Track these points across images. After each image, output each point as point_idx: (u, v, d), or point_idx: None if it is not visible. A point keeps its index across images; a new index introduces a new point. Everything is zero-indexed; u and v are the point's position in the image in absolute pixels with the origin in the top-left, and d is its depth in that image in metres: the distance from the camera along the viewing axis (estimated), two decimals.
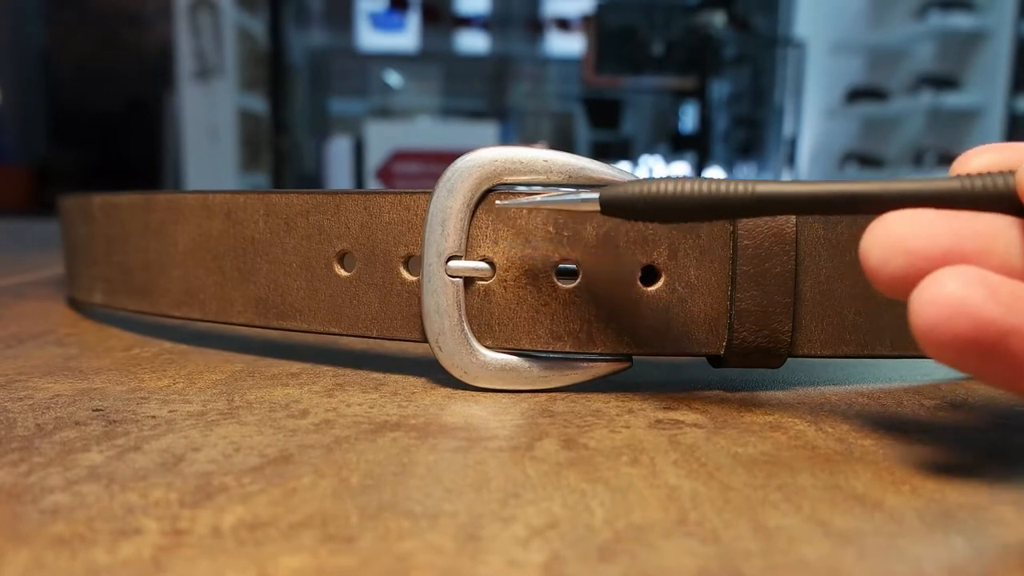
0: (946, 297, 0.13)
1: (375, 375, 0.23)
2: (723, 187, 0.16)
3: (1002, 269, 0.14)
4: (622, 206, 0.17)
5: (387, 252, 0.21)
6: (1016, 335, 0.13)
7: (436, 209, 0.20)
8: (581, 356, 0.21)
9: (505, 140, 3.06)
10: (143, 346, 0.27)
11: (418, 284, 0.21)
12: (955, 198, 0.14)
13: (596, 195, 0.18)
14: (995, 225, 0.14)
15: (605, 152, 3.72)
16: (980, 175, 0.14)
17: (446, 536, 0.12)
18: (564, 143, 3.60)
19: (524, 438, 0.17)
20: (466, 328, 0.20)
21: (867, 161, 3.13)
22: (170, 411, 0.19)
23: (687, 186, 0.16)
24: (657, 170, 3.70)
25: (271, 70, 2.77)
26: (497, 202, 0.20)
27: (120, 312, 0.28)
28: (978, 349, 0.13)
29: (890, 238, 0.14)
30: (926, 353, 0.13)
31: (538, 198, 0.19)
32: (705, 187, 0.16)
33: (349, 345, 0.27)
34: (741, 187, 0.16)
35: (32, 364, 0.24)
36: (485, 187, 0.20)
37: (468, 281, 0.21)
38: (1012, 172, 0.14)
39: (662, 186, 0.17)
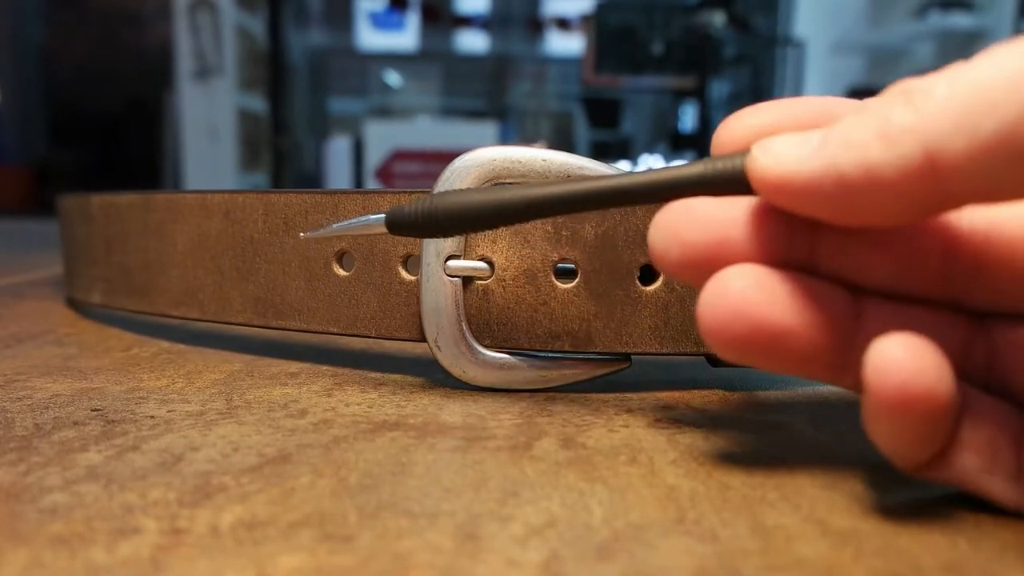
0: (728, 300, 0.13)
1: (374, 375, 0.23)
2: (498, 195, 0.16)
3: (773, 253, 0.14)
4: (405, 224, 0.18)
5: (386, 252, 0.21)
6: (790, 335, 0.13)
7: None
8: (580, 355, 0.21)
9: (505, 140, 3.06)
10: (142, 346, 0.27)
11: (417, 284, 0.21)
12: (701, 183, 0.14)
13: (382, 217, 0.18)
14: (763, 208, 0.14)
15: (605, 152, 3.72)
16: (722, 157, 0.14)
17: (445, 535, 0.12)
18: (564, 143, 3.60)
19: (523, 437, 0.17)
20: (465, 327, 0.21)
21: None
22: (169, 411, 0.19)
23: (464, 197, 0.17)
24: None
25: (270, 70, 2.77)
26: (301, 234, 0.21)
27: (119, 312, 0.28)
28: (758, 349, 0.13)
29: (668, 229, 0.14)
30: (714, 350, 0.14)
31: (334, 226, 0.20)
32: (481, 197, 0.17)
33: (348, 345, 0.27)
34: (511, 194, 0.16)
35: (31, 364, 0.24)
36: (484, 187, 0.20)
37: (467, 280, 0.21)
38: (744, 153, 0.14)
39: (440, 200, 0.17)
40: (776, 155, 0.13)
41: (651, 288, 0.20)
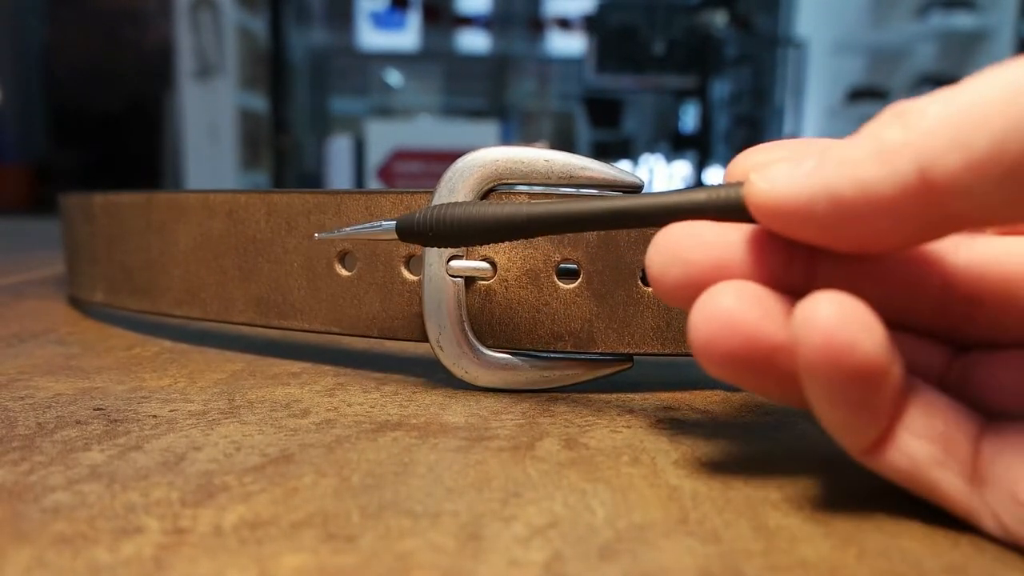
0: (721, 313, 0.13)
1: (376, 375, 0.23)
2: (502, 210, 0.17)
3: (771, 278, 0.14)
4: (414, 232, 0.18)
5: (388, 252, 0.21)
6: (782, 351, 0.13)
7: None
8: (582, 356, 0.21)
9: (506, 139, 3.06)
10: (144, 345, 0.27)
11: (419, 284, 0.21)
12: (703, 210, 0.15)
13: (393, 224, 0.19)
14: (763, 234, 0.14)
15: (606, 152, 3.72)
16: (724, 185, 0.15)
17: (447, 535, 0.12)
18: (565, 143, 3.60)
19: (525, 438, 0.17)
20: (467, 328, 0.21)
21: None
22: (171, 410, 0.19)
23: (472, 210, 0.17)
24: (658, 170, 3.70)
25: (271, 69, 2.77)
26: (316, 235, 0.21)
27: (121, 311, 0.28)
28: (749, 364, 0.13)
29: (669, 249, 0.14)
30: (703, 368, 0.13)
31: (347, 229, 0.20)
32: (487, 211, 0.17)
33: (350, 345, 0.27)
34: (515, 209, 0.17)
35: (33, 363, 0.24)
36: (486, 187, 0.20)
37: (469, 281, 0.21)
38: (741, 184, 0.14)
39: (449, 211, 0.18)
40: (771, 179, 0.13)
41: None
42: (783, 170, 0.13)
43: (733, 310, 0.13)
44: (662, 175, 3.70)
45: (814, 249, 0.14)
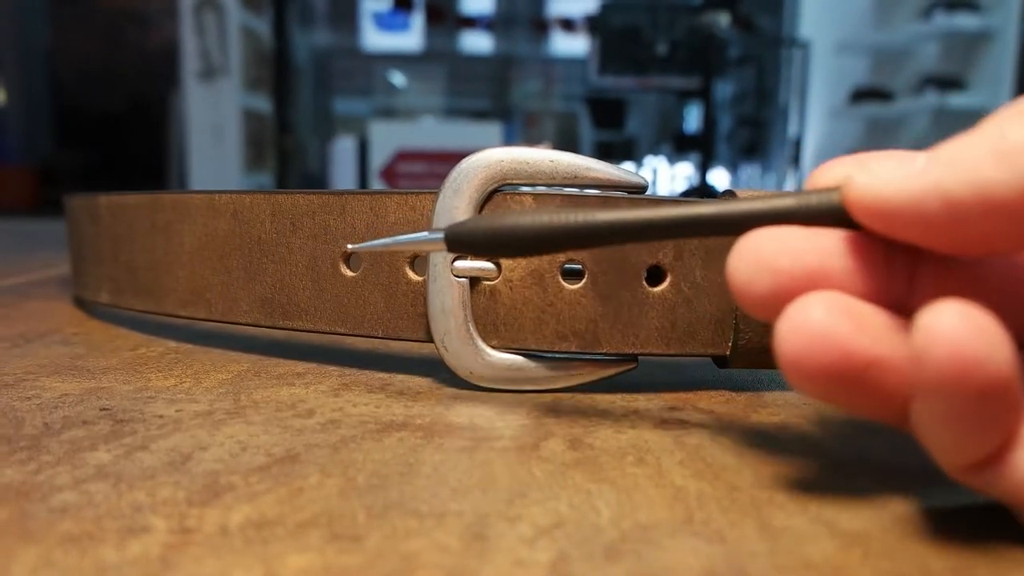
0: (812, 326, 0.12)
1: (381, 375, 0.23)
2: (563, 218, 0.16)
3: (868, 287, 0.13)
4: (466, 243, 0.17)
5: (392, 252, 0.21)
6: (877, 366, 0.12)
7: (442, 209, 0.20)
8: (587, 356, 0.21)
9: (509, 140, 3.06)
10: (149, 345, 0.27)
11: (424, 284, 0.21)
12: (792, 215, 0.14)
13: (441, 235, 0.18)
14: (859, 240, 0.13)
15: (609, 152, 3.72)
16: (815, 191, 0.14)
17: (452, 535, 0.12)
18: (568, 143, 3.60)
19: (530, 438, 0.17)
20: (472, 328, 0.21)
21: None
22: (177, 410, 0.19)
23: (527, 219, 0.16)
24: (661, 170, 3.70)
25: (275, 70, 2.77)
26: (348, 246, 0.21)
27: (126, 311, 0.28)
28: (842, 380, 0.12)
29: (756, 257, 0.13)
30: (791, 384, 0.13)
31: (388, 240, 0.20)
32: (546, 219, 0.16)
33: (355, 345, 0.27)
34: (580, 217, 0.15)
35: (39, 363, 0.24)
36: (491, 187, 0.20)
37: (474, 281, 0.21)
38: (838, 188, 0.13)
39: (503, 220, 0.16)
40: (876, 175, 0.12)
41: (658, 289, 0.20)
42: (890, 167, 0.12)
43: (824, 323, 0.12)
44: (665, 176, 3.70)
45: (915, 255, 0.13)
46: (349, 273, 0.22)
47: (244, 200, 0.23)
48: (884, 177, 0.12)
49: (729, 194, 0.21)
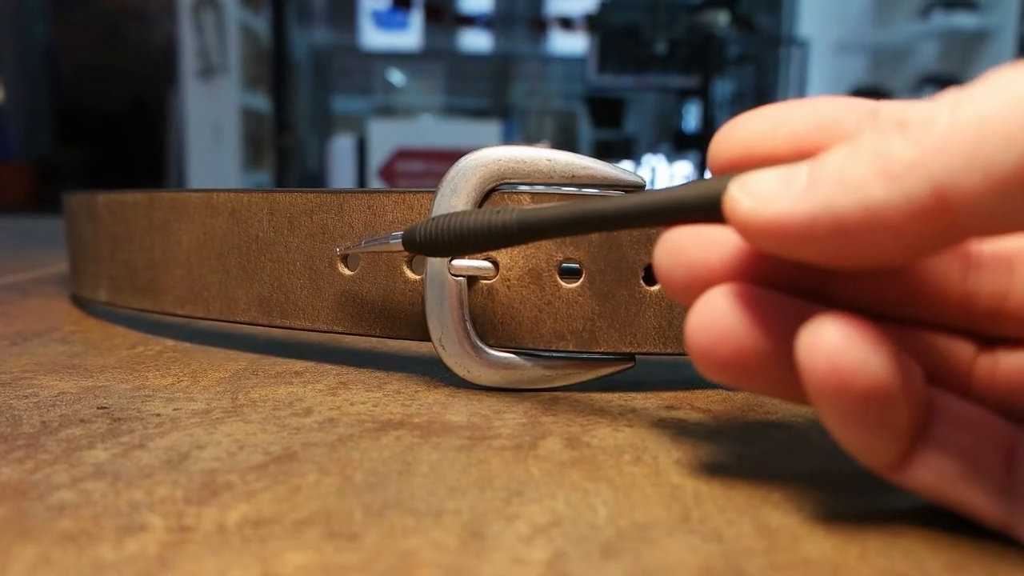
0: (713, 321, 0.13)
1: (378, 374, 0.23)
2: (494, 217, 0.17)
3: (785, 278, 0.13)
4: (417, 244, 0.18)
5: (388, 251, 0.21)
6: (776, 358, 0.13)
7: (439, 208, 0.20)
8: (584, 355, 0.21)
9: (508, 139, 3.06)
10: (147, 344, 0.27)
11: (421, 283, 0.21)
12: (677, 210, 0.14)
13: (399, 238, 0.19)
14: None
15: (608, 151, 3.72)
16: (706, 181, 0.14)
17: (450, 534, 0.12)
18: (567, 142, 3.60)
19: (527, 437, 0.17)
20: (469, 327, 0.21)
21: None
22: (175, 409, 0.19)
23: (464, 220, 0.17)
24: (660, 169, 3.70)
25: (274, 68, 2.77)
26: (337, 250, 0.22)
27: (124, 310, 0.28)
28: (744, 372, 0.13)
29: (674, 249, 0.14)
30: (703, 375, 0.13)
31: (363, 244, 0.21)
32: (479, 219, 0.17)
33: (352, 344, 0.27)
34: (507, 216, 0.16)
35: (37, 362, 0.24)
36: (489, 186, 0.20)
37: (471, 280, 0.21)
38: (728, 176, 0.13)
39: (443, 223, 0.18)
40: (759, 197, 0.12)
41: (655, 288, 0.20)
42: (771, 186, 0.12)
43: (724, 317, 0.13)
44: (664, 175, 3.70)
45: None
46: (347, 272, 0.22)
47: (242, 199, 0.23)
48: (769, 199, 0.12)
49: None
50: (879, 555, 0.12)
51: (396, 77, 4.10)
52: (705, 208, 0.13)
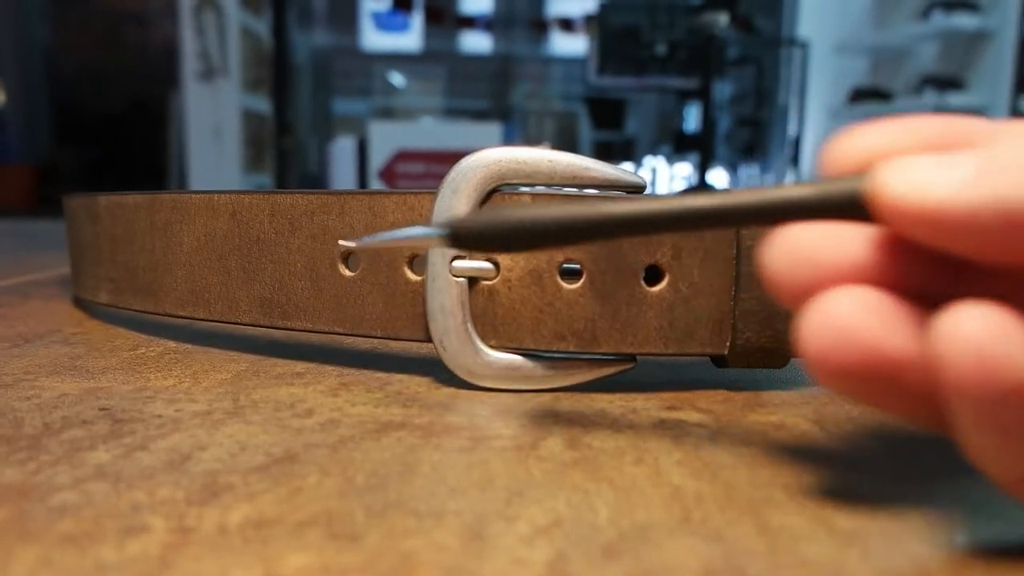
0: (836, 322, 0.12)
1: (380, 375, 0.23)
2: (576, 210, 0.15)
3: (909, 282, 0.12)
4: (468, 237, 0.16)
5: (392, 252, 0.21)
6: (904, 365, 0.12)
7: (440, 209, 0.20)
8: (585, 356, 0.21)
9: (508, 140, 3.06)
10: (149, 345, 0.27)
11: (422, 284, 0.21)
12: (808, 208, 0.13)
13: (441, 230, 0.16)
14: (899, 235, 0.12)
15: (608, 153, 3.72)
16: (836, 180, 0.13)
17: (451, 534, 0.12)
18: (567, 143, 3.60)
19: (528, 437, 0.17)
20: (470, 328, 0.21)
21: None
22: (176, 410, 0.19)
23: (531, 213, 0.15)
24: (660, 170, 3.70)
25: (275, 70, 2.77)
26: (345, 243, 0.19)
27: (126, 311, 0.28)
28: (867, 379, 0.12)
29: (794, 248, 0.13)
30: (816, 381, 0.12)
31: (386, 236, 0.18)
32: (551, 212, 0.15)
33: (354, 345, 0.27)
34: (586, 210, 0.15)
35: (38, 363, 0.24)
36: (489, 187, 0.20)
37: (472, 281, 0.21)
38: (860, 177, 0.12)
39: (506, 214, 0.15)
40: (917, 183, 0.11)
41: (656, 289, 0.20)
42: (930, 172, 0.11)
43: (848, 319, 0.12)
44: (664, 176, 3.70)
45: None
46: (348, 273, 0.22)
47: (243, 200, 0.23)
48: (928, 185, 0.11)
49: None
50: (880, 556, 0.12)
51: (396, 79, 4.10)
52: (836, 205, 0.13)
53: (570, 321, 0.20)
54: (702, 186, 2.44)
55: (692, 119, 3.62)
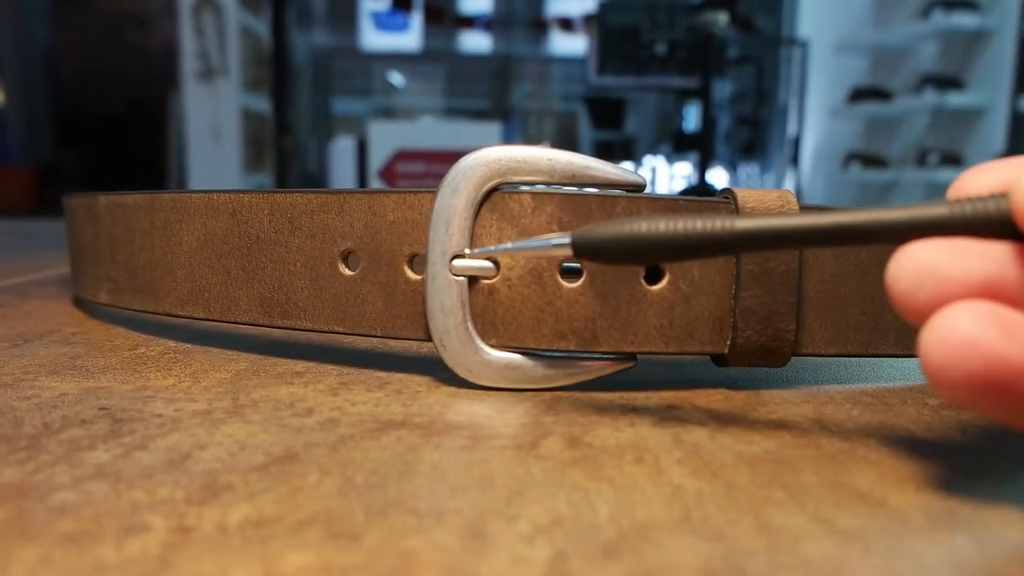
0: (956, 334, 0.12)
1: (379, 374, 0.23)
2: (701, 225, 0.15)
3: None
4: (596, 249, 0.16)
5: (391, 251, 0.21)
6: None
7: (440, 208, 0.20)
8: (585, 355, 0.21)
9: (508, 140, 3.06)
10: (148, 345, 0.27)
11: (422, 283, 0.21)
12: (944, 226, 0.13)
13: (568, 240, 0.17)
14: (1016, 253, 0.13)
15: (608, 152, 3.72)
16: (971, 200, 0.13)
17: (451, 534, 0.12)
18: (567, 142, 3.60)
19: (528, 436, 0.17)
20: (470, 327, 0.21)
21: (870, 161, 3.13)
22: (176, 410, 0.19)
23: (663, 226, 0.15)
24: (660, 170, 3.70)
25: (275, 70, 2.77)
26: (467, 251, 0.20)
27: (125, 311, 0.28)
28: (989, 390, 0.12)
29: (923, 265, 0.13)
30: (937, 393, 0.12)
31: (509, 244, 0.19)
32: (682, 226, 0.15)
33: (353, 344, 0.27)
34: (719, 224, 0.15)
35: (38, 363, 0.24)
36: (489, 186, 0.20)
37: (472, 280, 0.21)
38: (1004, 195, 0.13)
39: (636, 227, 0.15)
40: None
41: (656, 288, 0.20)
42: None
43: (969, 331, 0.12)
44: (664, 175, 3.70)
45: None
46: (348, 272, 0.22)
47: (242, 199, 0.23)
48: None
49: (727, 192, 0.21)
50: (881, 555, 0.12)
51: (396, 78, 4.10)
52: (978, 222, 0.13)
53: (570, 320, 0.20)
54: (702, 186, 2.44)
55: (692, 118, 3.62)
